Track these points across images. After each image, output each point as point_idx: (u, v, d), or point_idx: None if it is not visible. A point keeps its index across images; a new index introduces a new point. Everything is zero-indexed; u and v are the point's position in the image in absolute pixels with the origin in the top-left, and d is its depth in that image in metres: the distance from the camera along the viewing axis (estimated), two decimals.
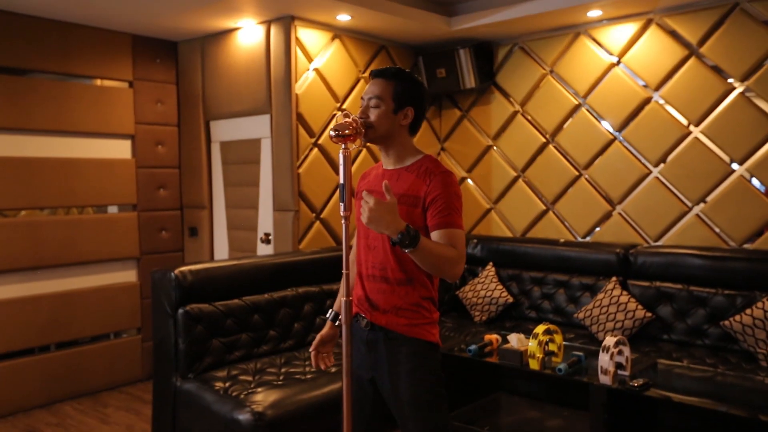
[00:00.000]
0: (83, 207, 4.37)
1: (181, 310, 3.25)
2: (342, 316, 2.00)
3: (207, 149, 4.68)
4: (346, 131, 1.92)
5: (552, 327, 3.07)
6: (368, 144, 2.07)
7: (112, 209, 4.55)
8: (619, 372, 2.84)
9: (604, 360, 2.77)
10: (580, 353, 3.06)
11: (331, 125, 4.17)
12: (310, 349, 2.20)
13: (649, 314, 3.80)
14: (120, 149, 4.50)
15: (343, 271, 1.99)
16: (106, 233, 4.38)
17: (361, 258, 2.10)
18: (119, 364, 4.44)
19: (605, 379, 2.77)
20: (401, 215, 1.97)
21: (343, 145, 1.94)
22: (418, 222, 1.98)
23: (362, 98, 2.06)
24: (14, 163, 3.95)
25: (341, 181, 1.95)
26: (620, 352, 2.83)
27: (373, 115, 2.01)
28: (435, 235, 1.96)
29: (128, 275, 4.56)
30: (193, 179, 4.74)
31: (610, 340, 2.80)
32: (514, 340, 3.18)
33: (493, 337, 3.39)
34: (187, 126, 4.75)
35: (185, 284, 3.27)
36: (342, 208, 1.96)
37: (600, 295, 3.99)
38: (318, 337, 2.20)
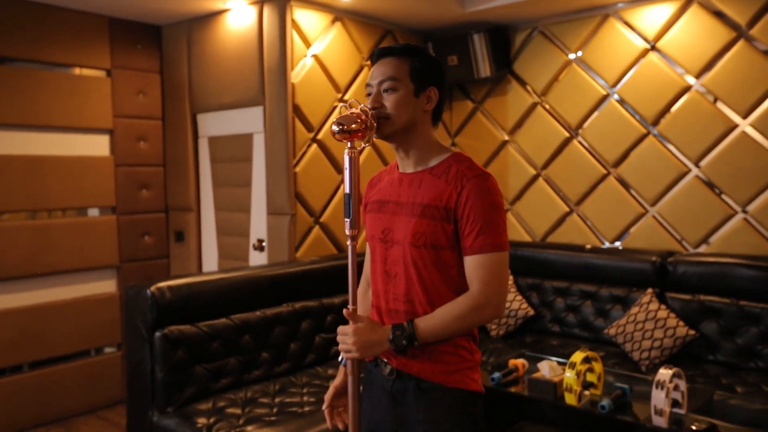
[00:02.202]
0: (55, 210, 3.91)
1: (158, 333, 2.81)
2: (348, 363, 1.56)
3: (194, 145, 4.22)
4: (353, 125, 1.48)
5: (590, 354, 2.63)
6: (372, 141, 1.61)
7: (91, 212, 4.09)
8: (674, 410, 2.40)
9: (658, 398, 2.33)
10: (625, 385, 2.61)
11: (333, 118, 3.69)
12: (324, 407, 1.74)
13: (692, 332, 3.36)
14: (97, 145, 4.04)
15: (350, 307, 1.54)
16: (81, 239, 3.93)
17: (378, 288, 1.65)
18: (97, 384, 3.99)
19: (660, 421, 2.33)
20: (422, 231, 1.53)
21: (348, 144, 1.50)
22: (446, 241, 1.54)
23: (368, 84, 1.61)
24: None
25: (347, 189, 1.51)
26: (676, 387, 2.39)
27: (389, 101, 1.56)
28: (467, 262, 1.53)
29: (106, 285, 4.11)
30: (179, 179, 4.28)
31: (664, 374, 2.35)
32: (546, 368, 2.74)
33: (519, 362, 2.95)
34: (172, 119, 4.29)
35: (163, 303, 2.82)
36: (347, 225, 1.51)
37: (634, 309, 3.55)
38: (331, 389, 1.74)
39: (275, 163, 3.71)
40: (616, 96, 3.99)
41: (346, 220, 1.51)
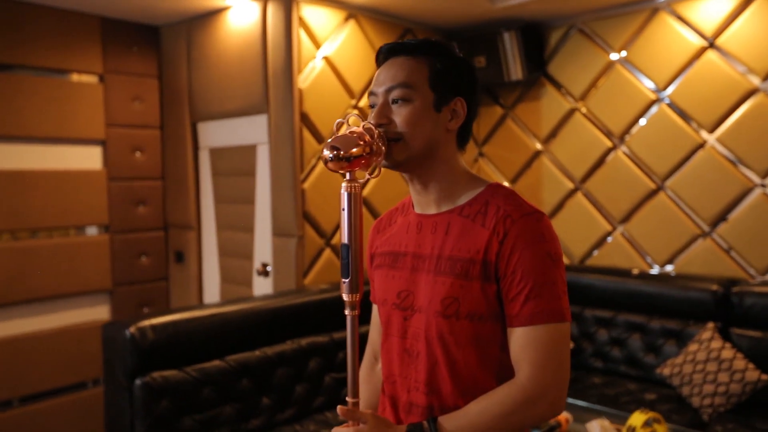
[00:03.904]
0: (40, 230, 3.54)
1: (138, 381, 2.41)
2: None
3: (194, 157, 3.83)
4: (353, 150, 1.06)
5: (653, 414, 2.17)
6: (380, 171, 1.19)
7: (81, 232, 3.73)
8: None
9: None
10: None
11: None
12: None
13: (764, 376, 2.87)
14: (87, 158, 3.67)
15: (349, 400, 1.12)
16: (70, 261, 3.56)
17: (393, 371, 1.23)
18: (87, 422, 3.61)
19: None
20: (454, 294, 1.11)
21: (347, 175, 1.08)
22: (487, 308, 1.11)
23: (372, 93, 1.19)
24: None
25: (345, 238, 1.09)
26: None
27: (400, 116, 1.14)
28: (513, 336, 1.10)
29: (99, 312, 3.74)
30: (178, 194, 3.90)
31: None
32: (596, 429, 2.28)
33: (562, 417, 2.50)
34: (170, 129, 3.91)
35: (144, 345, 2.42)
36: (345, 287, 1.09)
37: (692, 347, 3.07)
38: None
39: (281, 177, 3.30)
40: (666, 100, 3.51)
41: (343, 281, 1.08)
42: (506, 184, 4.12)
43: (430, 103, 1.15)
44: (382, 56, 1.21)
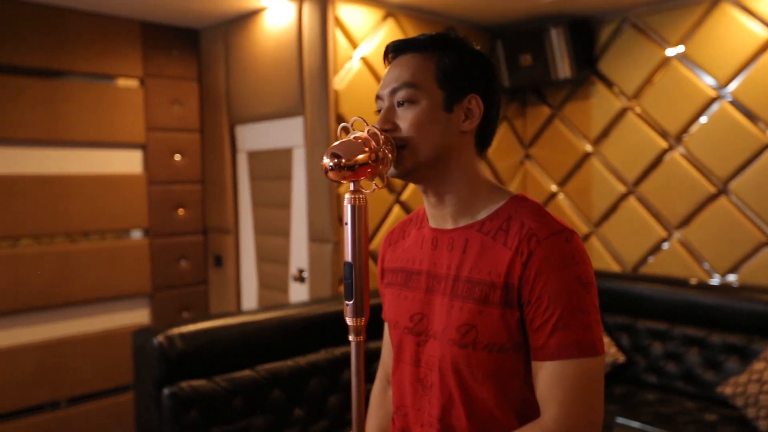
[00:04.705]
0: (80, 234, 3.57)
1: (166, 391, 2.36)
2: None
3: (232, 160, 3.80)
4: (358, 157, 0.95)
5: None
6: (387, 180, 1.08)
7: (121, 236, 3.75)
8: None
9: None
10: None
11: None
12: None
13: None
14: (128, 162, 3.69)
15: None
16: (110, 265, 3.58)
17: (405, 401, 1.11)
18: (131, 424, 3.63)
19: None
20: (472, 322, 0.98)
21: (351, 185, 0.97)
22: (509, 338, 0.98)
23: (378, 96, 1.08)
24: None
25: (348, 256, 0.98)
26: None
27: (405, 120, 1.03)
28: (538, 371, 0.96)
29: (139, 315, 3.75)
30: (217, 197, 3.88)
31: None
32: None
33: None
34: (210, 132, 3.89)
35: (173, 354, 2.37)
36: (348, 310, 0.98)
37: (758, 365, 2.83)
38: None
39: (317, 182, 3.22)
40: (728, 98, 3.27)
41: (347, 303, 0.97)
42: (554, 187, 3.98)
43: (438, 103, 1.03)
44: (393, 52, 1.09)
